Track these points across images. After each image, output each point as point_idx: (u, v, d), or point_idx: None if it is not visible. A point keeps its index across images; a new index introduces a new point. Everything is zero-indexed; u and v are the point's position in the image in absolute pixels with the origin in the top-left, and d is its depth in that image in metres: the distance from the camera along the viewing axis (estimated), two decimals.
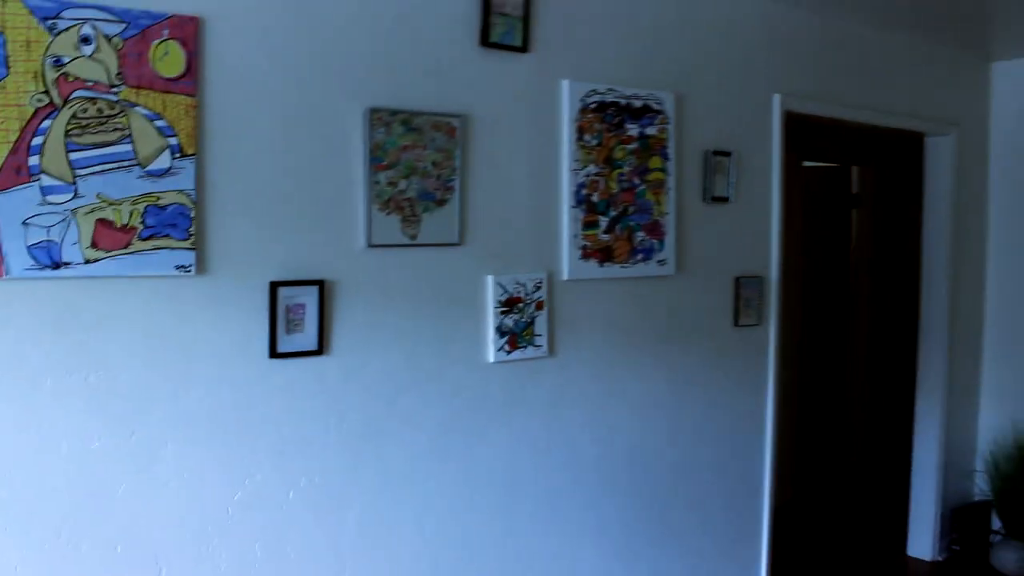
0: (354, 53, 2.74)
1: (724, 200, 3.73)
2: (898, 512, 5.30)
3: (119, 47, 2.39)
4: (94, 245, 2.36)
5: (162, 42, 2.45)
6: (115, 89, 2.39)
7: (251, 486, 2.61)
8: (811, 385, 6.38)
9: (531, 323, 3.13)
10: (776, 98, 3.92)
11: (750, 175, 3.85)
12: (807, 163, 6.15)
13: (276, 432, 2.65)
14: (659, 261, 3.49)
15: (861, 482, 6.48)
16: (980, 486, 5.17)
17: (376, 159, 2.77)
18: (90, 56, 2.35)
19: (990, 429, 5.17)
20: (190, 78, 2.49)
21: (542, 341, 3.16)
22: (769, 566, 4.07)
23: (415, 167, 2.85)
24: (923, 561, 5.01)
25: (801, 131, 5.50)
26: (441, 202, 2.92)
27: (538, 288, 3.14)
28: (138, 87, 2.42)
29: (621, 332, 3.43)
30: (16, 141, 2.26)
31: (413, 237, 2.85)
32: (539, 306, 3.15)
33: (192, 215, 2.49)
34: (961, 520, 5.04)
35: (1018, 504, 4.85)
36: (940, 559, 5.02)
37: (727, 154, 3.72)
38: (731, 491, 3.89)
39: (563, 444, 3.29)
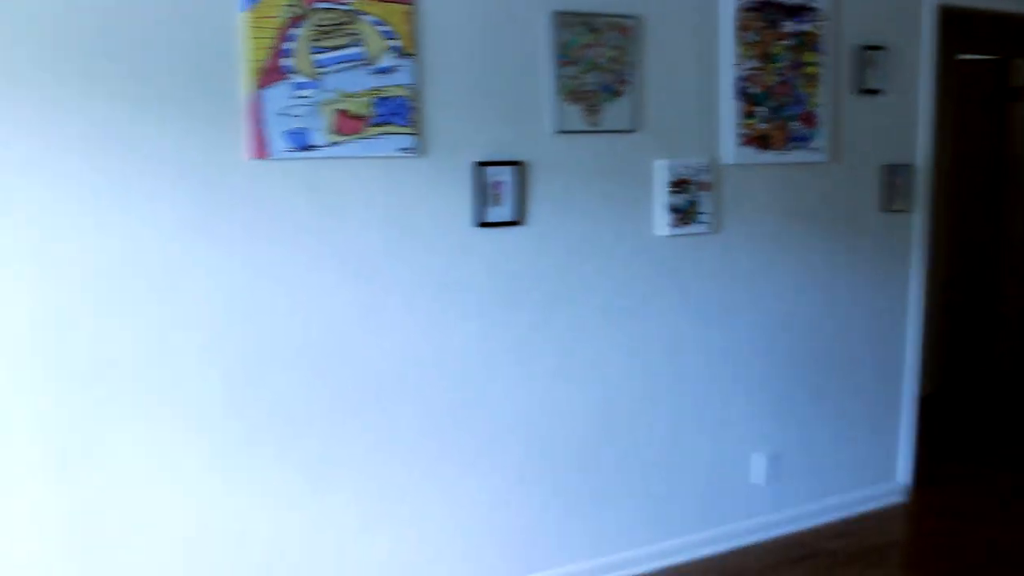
0: None
1: (876, 92, 3.97)
2: None
3: None
4: (335, 131, 2.86)
5: None
6: (347, 0, 2.85)
7: (461, 334, 3.13)
8: (964, 275, 6.53)
9: (696, 202, 3.51)
10: None
11: (902, 68, 4.06)
12: (963, 56, 6.19)
13: (482, 290, 3.15)
14: (812, 148, 3.78)
15: (1011, 370, 6.63)
16: None
17: (562, 56, 3.17)
18: None
19: None
20: None
21: (706, 218, 3.54)
22: (913, 440, 4.37)
23: (595, 63, 3.24)
24: None
25: (957, 23, 5.56)
26: (618, 93, 3.30)
27: (703, 171, 3.51)
28: None
29: (778, 213, 3.77)
30: (273, 47, 2.77)
31: (594, 124, 3.26)
32: (703, 187, 3.52)
33: (412, 106, 2.96)
34: None
35: None
36: None
37: (880, 48, 3.94)
38: (878, 367, 4.20)
39: (723, 310, 3.69)
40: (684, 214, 3.48)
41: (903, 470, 4.39)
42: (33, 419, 2.54)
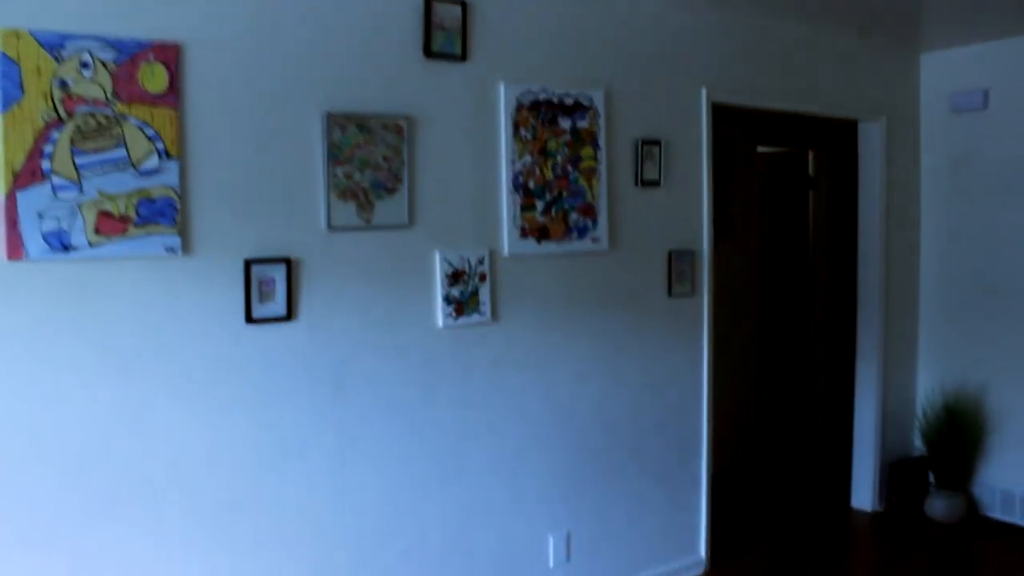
0: (313, 66, 3.25)
1: (655, 184, 4.22)
2: (844, 468, 5.79)
3: (113, 70, 2.90)
4: (97, 232, 2.88)
5: (149, 64, 2.96)
6: (111, 104, 2.90)
7: (232, 429, 3.13)
8: (771, 359, 6.88)
9: (475, 293, 3.64)
10: (703, 91, 4.40)
11: (681, 160, 4.33)
12: (764, 148, 6.63)
13: (253, 385, 3.16)
14: (593, 238, 3.98)
15: (811, 443, 6.97)
16: (918, 443, 5.64)
17: (333, 155, 3.28)
18: (90, 79, 2.87)
19: (926, 391, 5.63)
20: (173, 94, 3.00)
21: (485, 309, 3.67)
22: (709, 515, 4.56)
23: (368, 161, 3.36)
24: (864, 512, 5.49)
25: (749, 119, 5.98)
26: (392, 190, 3.43)
27: (481, 263, 3.65)
28: (130, 102, 2.93)
29: (559, 301, 3.93)
30: (31, 149, 2.78)
31: (368, 221, 3.37)
32: (482, 278, 3.65)
33: (178, 206, 3.00)
34: (899, 474, 5.51)
35: (946, 459, 5.33)
36: (880, 509, 5.50)
37: (656, 142, 4.21)
38: (672, 446, 4.38)
39: (508, 399, 3.80)
40: (462, 305, 3.61)
41: (704, 544, 4.55)
42: None
